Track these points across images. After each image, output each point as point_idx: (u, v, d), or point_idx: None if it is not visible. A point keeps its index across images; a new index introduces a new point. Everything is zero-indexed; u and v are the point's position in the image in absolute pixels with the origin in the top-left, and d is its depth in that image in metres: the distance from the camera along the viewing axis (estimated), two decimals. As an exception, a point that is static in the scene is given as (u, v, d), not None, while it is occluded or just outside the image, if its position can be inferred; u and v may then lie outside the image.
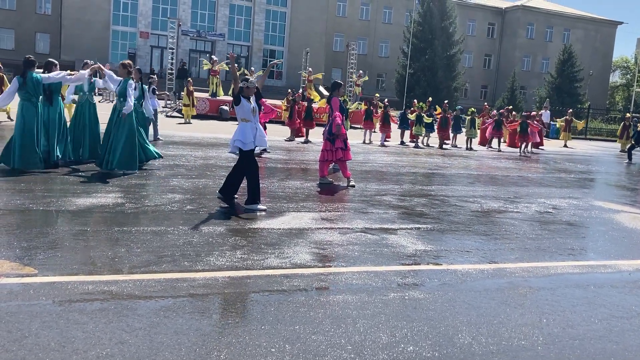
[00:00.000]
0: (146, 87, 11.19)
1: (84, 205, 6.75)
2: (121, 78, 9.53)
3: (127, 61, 9.75)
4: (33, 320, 3.51)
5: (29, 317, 3.56)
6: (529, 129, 20.05)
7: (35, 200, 6.80)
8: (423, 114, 19.69)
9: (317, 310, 4.06)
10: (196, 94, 22.13)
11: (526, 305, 4.55)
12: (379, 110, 20.99)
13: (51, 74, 9.10)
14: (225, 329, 3.63)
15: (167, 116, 22.54)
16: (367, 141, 19.11)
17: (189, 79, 22.75)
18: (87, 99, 10.27)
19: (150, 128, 12.67)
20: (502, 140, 21.78)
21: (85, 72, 9.84)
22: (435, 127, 20.16)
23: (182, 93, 22.43)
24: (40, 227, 5.72)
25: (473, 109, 21.54)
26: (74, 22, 44.02)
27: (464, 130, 21.13)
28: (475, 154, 18.91)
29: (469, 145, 20.37)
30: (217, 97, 25.06)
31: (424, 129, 19.74)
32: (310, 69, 29.66)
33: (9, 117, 15.85)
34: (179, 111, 25.32)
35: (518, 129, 20.38)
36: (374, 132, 20.52)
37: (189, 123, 20.52)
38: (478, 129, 21.88)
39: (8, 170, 8.56)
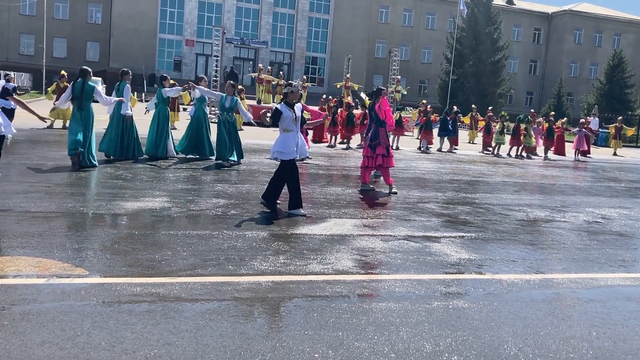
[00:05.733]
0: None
1: (132, 209, 6.94)
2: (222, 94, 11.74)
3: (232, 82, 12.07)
4: (84, 320, 3.63)
5: (81, 316, 3.68)
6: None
7: (86, 204, 7.03)
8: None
9: (360, 317, 4.05)
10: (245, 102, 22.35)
11: (574, 317, 4.43)
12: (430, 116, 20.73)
13: (169, 89, 11.87)
14: (269, 333, 3.67)
15: (211, 122, 22.87)
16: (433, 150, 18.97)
17: (242, 87, 23.06)
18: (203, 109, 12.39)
19: None
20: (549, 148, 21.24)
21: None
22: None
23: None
24: (90, 230, 5.92)
25: (505, 113, 21.00)
26: (122, 31, 45.37)
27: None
28: (521, 162, 18.53)
29: (496, 152, 19.84)
30: (262, 104, 25.37)
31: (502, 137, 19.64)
32: (348, 76, 29.70)
33: (65, 126, 16.36)
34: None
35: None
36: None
37: (241, 129, 20.80)
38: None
39: (60, 175, 8.90)
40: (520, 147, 19.93)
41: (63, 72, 17.60)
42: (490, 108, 25.80)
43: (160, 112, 11.77)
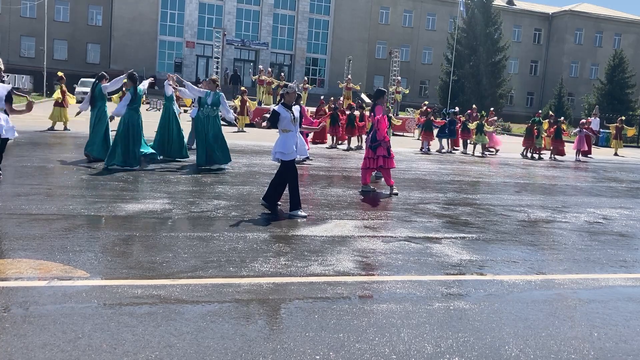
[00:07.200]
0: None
1: (133, 211, 6.94)
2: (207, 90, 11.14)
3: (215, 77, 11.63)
4: (86, 322, 3.63)
5: (82, 319, 3.69)
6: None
7: (87, 206, 7.04)
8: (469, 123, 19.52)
9: (361, 318, 4.05)
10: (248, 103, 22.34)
11: (576, 318, 4.43)
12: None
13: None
14: (270, 335, 3.67)
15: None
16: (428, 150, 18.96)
17: (244, 88, 23.05)
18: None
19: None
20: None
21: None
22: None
23: (234, 101, 22.61)
24: (91, 232, 5.92)
25: (483, 112, 20.96)
26: (123, 32, 45.42)
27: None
28: (522, 162, 18.52)
29: (471, 151, 19.76)
30: (262, 106, 25.35)
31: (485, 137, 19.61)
32: (349, 77, 29.71)
33: (66, 128, 16.38)
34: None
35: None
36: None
37: (243, 131, 20.85)
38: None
39: (61, 177, 8.90)
40: (533, 148, 20.07)
41: (60, 73, 17.51)
42: (492, 109, 25.80)
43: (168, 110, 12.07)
